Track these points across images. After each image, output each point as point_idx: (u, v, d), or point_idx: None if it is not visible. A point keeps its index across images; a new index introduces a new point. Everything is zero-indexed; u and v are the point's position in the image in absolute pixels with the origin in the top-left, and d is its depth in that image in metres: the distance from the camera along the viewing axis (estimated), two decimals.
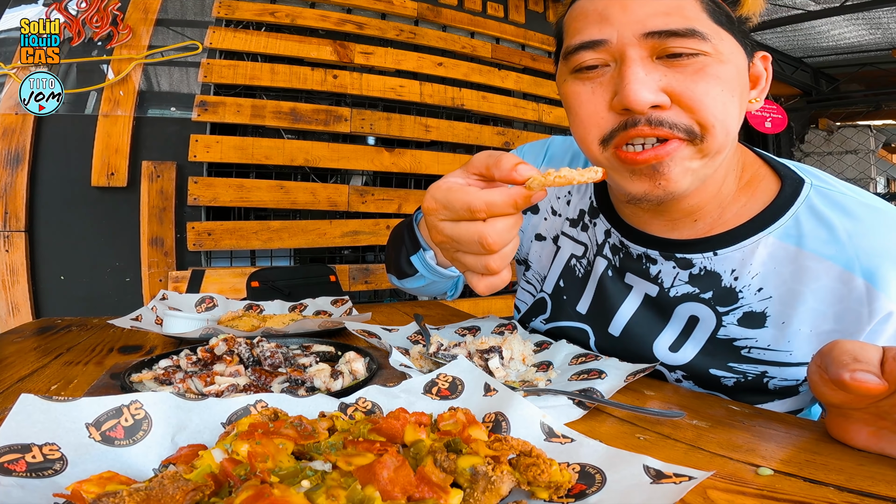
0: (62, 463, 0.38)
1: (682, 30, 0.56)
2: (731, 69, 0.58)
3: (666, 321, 0.70)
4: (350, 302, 1.15)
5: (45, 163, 2.27)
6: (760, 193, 0.66)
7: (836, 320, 0.60)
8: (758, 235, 0.64)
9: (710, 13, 0.58)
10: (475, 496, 0.34)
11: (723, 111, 0.57)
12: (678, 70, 0.57)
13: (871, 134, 5.87)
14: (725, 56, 0.58)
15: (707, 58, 0.57)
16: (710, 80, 0.57)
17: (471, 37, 3.17)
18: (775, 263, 0.62)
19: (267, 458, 0.36)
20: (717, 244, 0.66)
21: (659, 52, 0.57)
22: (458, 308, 1.32)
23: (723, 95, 0.57)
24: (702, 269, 0.67)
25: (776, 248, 0.63)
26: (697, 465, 0.42)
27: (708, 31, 0.57)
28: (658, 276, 0.71)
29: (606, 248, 0.77)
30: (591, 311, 0.80)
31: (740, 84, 0.59)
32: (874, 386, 0.40)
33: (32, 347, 0.87)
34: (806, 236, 0.61)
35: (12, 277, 2.20)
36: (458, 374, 0.57)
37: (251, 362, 0.68)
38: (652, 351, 0.71)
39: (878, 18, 4.01)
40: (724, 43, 0.58)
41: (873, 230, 0.60)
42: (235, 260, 2.60)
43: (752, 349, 0.64)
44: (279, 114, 2.57)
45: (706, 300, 0.67)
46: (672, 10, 0.57)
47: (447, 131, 2.98)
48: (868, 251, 0.58)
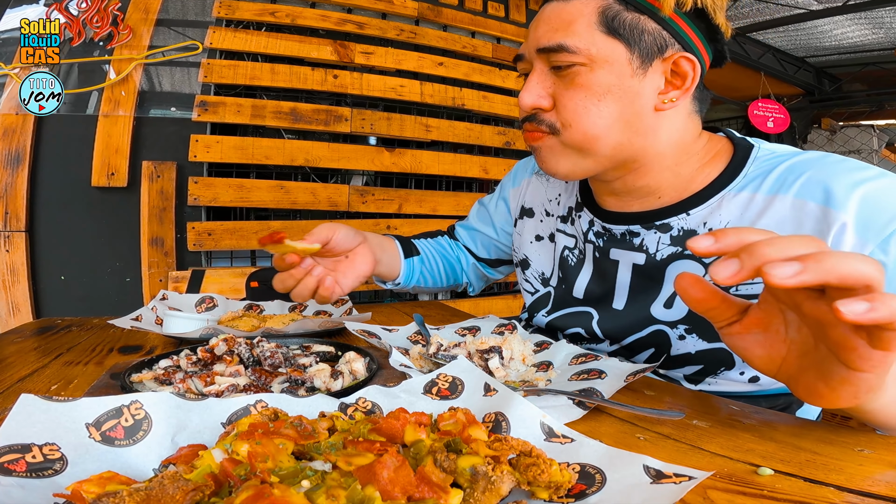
0: (62, 463, 0.38)
1: (552, 45, 0.68)
2: (602, 75, 0.67)
3: (660, 284, 0.76)
4: (350, 302, 1.15)
5: (45, 163, 2.28)
6: (720, 162, 0.75)
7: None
8: (720, 193, 0.72)
9: (603, 23, 0.67)
10: (475, 496, 0.34)
11: (582, 112, 0.68)
12: (560, 78, 0.70)
13: (873, 134, 5.87)
14: (598, 63, 0.67)
15: (581, 67, 0.68)
16: (576, 89, 0.68)
17: (471, 36, 3.17)
18: (741, 210, 0.70)
19: (267, 458, 0.36)
20: (687, 206, 0.74)
21: (549, 64, 0.70)
22: (458, 308, 1.32)
23: (586, 101, 0.68)
24: (679, 230, 0.75)
25: (738, 199, 0.71)
26: (697, 465, 0.42)
27: (581, 43, 0.67)
28: (642, 244, 0.78)
29: (591, 234, 0.85)
30: (589, 293, 0.85)
31: (617, 88, 0.68)
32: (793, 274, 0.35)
33: (32, 347, 0.87)
34: (759, 183, 0.70)
35: (12, 277, 2.20)
36: (458, 374, 0.57)
37: (251, 362, 0.68)
38: (650, 313, 0.76)
39: (880, 18, 4.01)
40: (600, 52, 0.67)
41: (813, 162, 0.68)
42: (236, 260, 2.61)
43: (740, 286, 0.69)
44: (279, 114, 2.57)
45: (690, 256, 0.73)
46: (561, 26, 0.68)
47: (448, 131, 2.98)
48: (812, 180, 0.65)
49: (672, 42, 0.68)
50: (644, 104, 0.69)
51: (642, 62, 0.68)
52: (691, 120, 0.74)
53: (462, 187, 3.11)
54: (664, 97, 0.70)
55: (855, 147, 5.82)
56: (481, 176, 3.04)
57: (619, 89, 0.68)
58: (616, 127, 0.69)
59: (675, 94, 0.70)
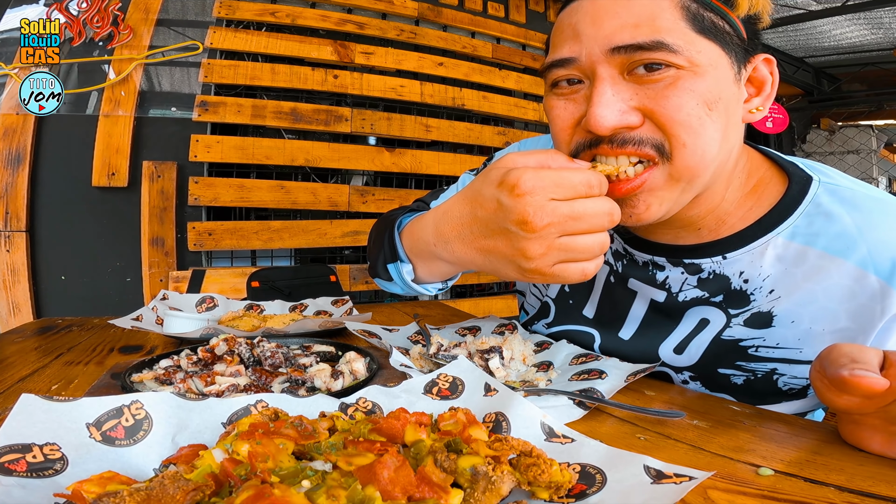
0: (63, 463, 0.38)
1: (648, 42, 0.53)
2: (710, 82, 0.54)
3: (675, 325, 0.69)
4: (350, 302, 1.15)
5: (45, 163, 2.28)
6: (768, 195, 0.65)
7: (848, 318, 0.58)
8: (766, 237, 0.62)
9: (691, 20, 0.55)
10: (475, 496, 0.34)
11: (697, 127, 0.54)
12: (649, 86, 0.55)
13: (872, 134, 5.86)
14: (703, 68, 0.54)
15: (681, 70, 0.54)
16: (683, 94, 0.54)
17: (471, 37, 3.17)
18: (786, 265, 0.61)
19: (267, 458, 0.36)
20: (725, 248, 0.64)
21: (629, 67, 0.55)
22: (458, 308, 1.32)
23: (698, 110, 0.54)
24: (710, 273, 0.66)
25: (786, 248, 0.61)
26: (698, 465, 0.42)
27: (680, 41, 0.53)
28: (665, 281, 0.69)
29: (609, 253, 0.76)
30: (598, 316, 0.79)
31: (724, 98, 0.56)
32: (873, 383, 0.39)
33: (33, 347, 0.88)
34: (815, 234, 0.60)
35: (13, 277, 2.20)
36: (458, 374, 0.57)
37: (252, 362, 0.68)
38: (657, 354, 0.70)
39: (879, 18, 4.01)
40: (703, 54, 0.54)
41: (884, 224, 0.58)
42: (236, 260, 2.61)
43: (760, 348, 0.63)
44: (280, 114, 2.57)
45: (717, 303, 0.65)
46: (643, 20, 0.54)
47: (448, 131, 2.98)
48: (880, 246, 0.57)
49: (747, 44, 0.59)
50: (739, 116, 0.59)
51: (740, 68, 0.58)
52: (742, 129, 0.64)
53: None
54: (749, 106, 0.60)
55: (854, 147, 5.82)
56: None
57: (729, 99, 0.56)
58: (723, 144, 0.57)
59: (758, 101, 0.60)
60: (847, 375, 0.40)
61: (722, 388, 0.67)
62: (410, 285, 0.74)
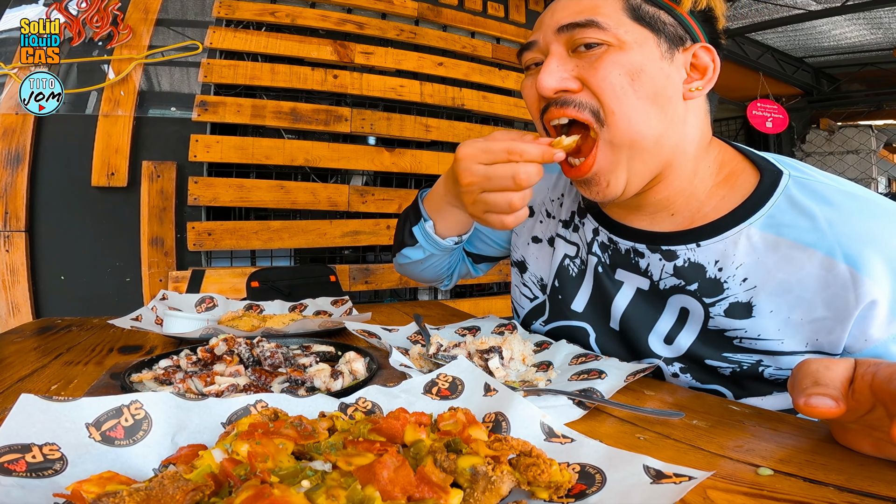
0: (62, 463, 0.38)
1: (581, 20, 0.65)
2: (633, 56, 0.64)
3: (659, 312, 0.72)
4: (350, 302, 1.15)
5: (45, 163, 2.28)
6: (739, 186, 0.69)
7: (824, 307, 0.60)
8: (739, 227, 0.66)
9: (629, 10, 0.65)
10: (475, 496, 0.34)
11: (621, 94, 0.64)
12: (585, 59, 0.66)
13: (872, 134, 5.87)
14: (629, 45, 0.64)
15: (609, 47, 0.64)
16: (609, 65, 0.64)
17: (471, 36, 3.17)
18: (758, 254, 0.64)
19: (267, 458, 0.36)
20: (699, 236, 0.68)
21: (573, 45, 0.66)
22: (458, 308, 1.32)
23: (620, 79, 0.64)
24: (686, 261, 0.69)
25: (758, 238, 0.64)
26: (697, 465, 0.42)
27: (611, 21, 0.64)
28: (647, 269, 0.73)
29: (595, 245, 0.80)
30: (588, 309, 0.81)
31: (647, 71, 0.64)
32: (828, 410, 0.40)
33: (32, 347, 0.87)
34: (787, 226, 0.63)
35: (12, 277, 2.20)
36: (458, 374, 0.57)
37: (251, 362, 0.68)
38: (647, 344, 0.72)
39: (878, 18, 4.01)
40: (630, 34, 0.64)
41: (853, 216, 0.60)
42: (235, 260, 2.61)
43: (744, 339, 0.65)
44: (279, 114, 2.57)
45: (692, 292, 0.68)
46: (586, 8, 0.66)
47: (447, 131, 2.98)
48: (849, 237, 0.59)
49: (686, 36, 0.67)
50: (675, 89, 0.67)
51: (669, 48, 0.66)
52: (706, 121, 0.72)
53: None
54: (689, 86, 0.67)
55: (853, 147, 5.82)
56: None
57: (652, 70, 0.65)
58: (654, 112, 0.65)
59: (700, 84, 0.68)
60: (802, 405, 0.41)
61: (711, 379, 0.68)
62: (434, 238, 0.87)
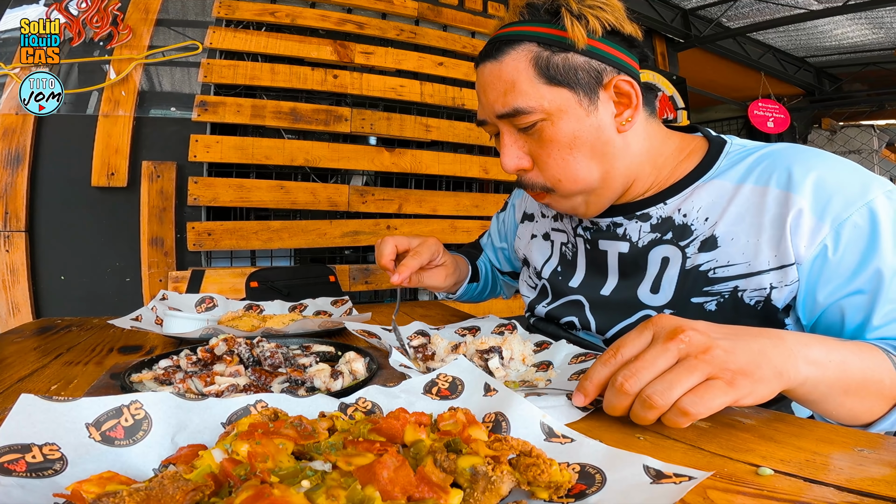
0: (62, 463, 0.38)
1: (509, 111, 0.72)
2: (564, 127, 0.72)
3: (644, 267, 0.80)
4: (350, 302, 1.15)
5: (45, 163, 2.27)
6: (695, 157, 0.80)
7: (771, 226, 0.68)
8: (694, 184, 0.77)
9: (542, 73, 0.71)
10: (475, 496, 0.34)
11: (563, 166, 0.74)
12: (531, 136, 0.74)
13: (874, 134, 5.87)
14: (555, 114, 0.71)
15: (543, 122, 0.72)
16: (548, 145, 0.73)
17: (472, 36, 3.17)
18: (713, 197, 0.75)
19: (267, 458, 0.36)
20: (664, 197, 0.80)
21: (516, 126, 0.74)
22: (458, 308, 1.32)
23: (561, 153, 0.73)
24: (658, 219, 0.79)
25: (711, 187, 0.76)
26: (697, 465, 0.42)
27: (532, 101, 0.71)
28: (626, 233, 0.83)
29: (580, 228, 0.90)
30: (583, 283, 0.90)
31: (580, 135, 0.72)
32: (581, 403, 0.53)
33: (32, 347, 0.88)
34: (731, 174, 0.75)
35: (12, 277, 2.20)
36: (458, 374, 0.57)
37: (251, 362, 0.68)
38: (638, 297, 0.80)
39: (880, 18, 4.01)
40: (552, 102, 0.71)
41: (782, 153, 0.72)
42: (235, 260, 2.60)
43: (717, 269, 0.72)
44: (279, 114, 2.57)
45: (668, 240, 0.78)
46: (507, 87, 0.72)
47: (448, 131, 2.98)
48: (781, 167, 0.70)
49: (603, 68, 0.72)
50: (608, 133, 0.74)
51: (590, 98, 0.72)
52: (650, 124, 0.80)
53: (462, 187, 3.10)
54: (620, 119, 0.75)
55: (855, 147, 5.82)
56: (481, 176, 3.04)
57: (583, 131, 0.73)
58: (594, 164, 0.75)
59: (629, 114, 0.75)
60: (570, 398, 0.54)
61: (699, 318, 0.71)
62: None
